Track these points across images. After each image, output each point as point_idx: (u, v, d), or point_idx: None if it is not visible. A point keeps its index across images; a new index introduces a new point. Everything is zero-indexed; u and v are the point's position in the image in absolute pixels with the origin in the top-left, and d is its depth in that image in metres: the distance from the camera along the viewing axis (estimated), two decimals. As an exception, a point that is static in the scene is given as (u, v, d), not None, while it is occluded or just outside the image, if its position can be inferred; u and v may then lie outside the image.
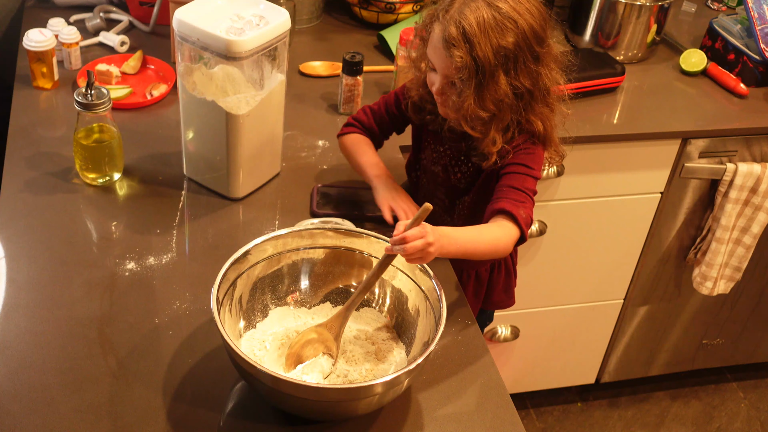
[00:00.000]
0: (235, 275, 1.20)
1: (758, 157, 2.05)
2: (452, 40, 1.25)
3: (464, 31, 1.23)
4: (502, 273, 1.65)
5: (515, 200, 1.32)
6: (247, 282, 1.24)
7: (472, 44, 1.24)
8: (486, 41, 1.23)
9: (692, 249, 2.18)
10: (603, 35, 2.11)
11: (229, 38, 1.36)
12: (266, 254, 1.25)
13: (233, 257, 1.19)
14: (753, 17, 2.04)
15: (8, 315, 1.28)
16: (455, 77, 1.28)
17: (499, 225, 1.30)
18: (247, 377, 1.10)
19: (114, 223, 1.49)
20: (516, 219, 1.30)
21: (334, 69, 1.96)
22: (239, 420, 1.18)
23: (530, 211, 1.33)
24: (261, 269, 1.25)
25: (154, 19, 2.00)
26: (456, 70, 1.27)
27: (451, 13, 1.26)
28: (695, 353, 2.50)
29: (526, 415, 2.49)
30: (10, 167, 1.56)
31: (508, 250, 1.31)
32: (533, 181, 1.36)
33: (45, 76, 1.76)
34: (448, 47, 1.25)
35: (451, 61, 1.26)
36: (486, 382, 1.29)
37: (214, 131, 1.48)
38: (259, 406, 1.19)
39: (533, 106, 1.34)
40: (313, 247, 1.28)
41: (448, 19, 1.26)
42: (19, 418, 1.13)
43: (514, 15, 1.24)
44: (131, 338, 1.27)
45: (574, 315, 2.28)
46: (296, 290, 1.29)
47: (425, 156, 1.53)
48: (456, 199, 1.51)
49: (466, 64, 1.25)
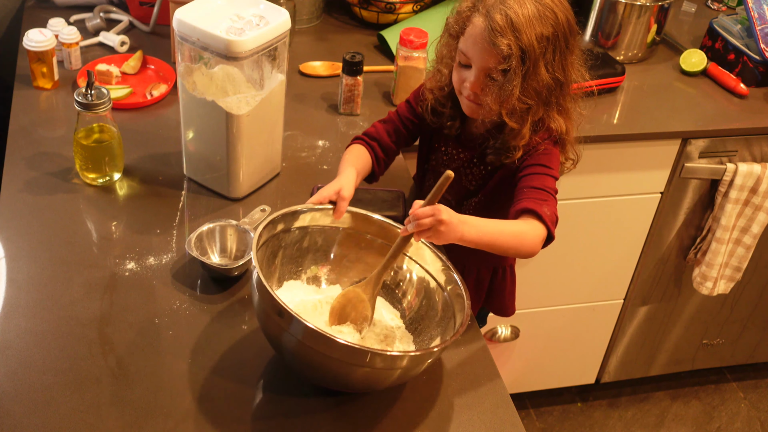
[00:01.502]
0: (267, 236, 1.24)
1: (758, 157, 2.05)
2: (499, 29, 1.26)
3: (511, 20, 1.25)
4: (507, 278, 1.64)
5: (537, 199, 1.32)
6: (275, 248, 1.28)
7: (519, 33, 1.25)
8: (531, 30, 1.26)
9: (692, 249, 2.18)
10: (603, 35, 2.11)
11: (229, 38, 1.36)
12: (299, 224, 1.30)
13: (274, 215, 1.24)
14: (753, 17, 2.04)
15: (8, 315, 1.28)
16: (497, 68, 1.29)
17: (525, 221, 1.30)
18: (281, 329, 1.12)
19: (114, 223, 1.49)
20: (540, 216, 1.29)
21: (334, 69, 1.96)
22: (239, 420, 1.18)
23: (554, 208, 1.32)
24: (289, 238, 1.30)
25: (154, 19, 2.00)
26: (502, 59, 1.27)
27: (493, 3, 1.28)
28: (695, 353, 2.50)
29: (526, 415, 2.49)
30: (10, 167, 1.56)
31: (535, 247, 1.29)
32: (553, 180, 1.36)
33: (45, 76, 1.77)
34: (494, 36, 1.26)
35: (495, 51, 1.27)
36: (486, 382, 1.29)
37: (214, 131, 1.48)
38: (260, 406, 1.19)
39: (561, 100, 1.36)
40: (336, 226, 1.34)
41: (492, 10, 1.27)
42: (19, 418, 1.13)
43: (552, 6, 1.28)
44: (131, 338, 1.27)
45: (574, 315, 2.28)
46: (312, 266, 1.34)
47: (435, 158, 1.52)
48: (463, 201, 1.51)
49: (513, 53, 1.26)
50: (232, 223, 1.42)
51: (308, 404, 1.21)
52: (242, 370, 1.25)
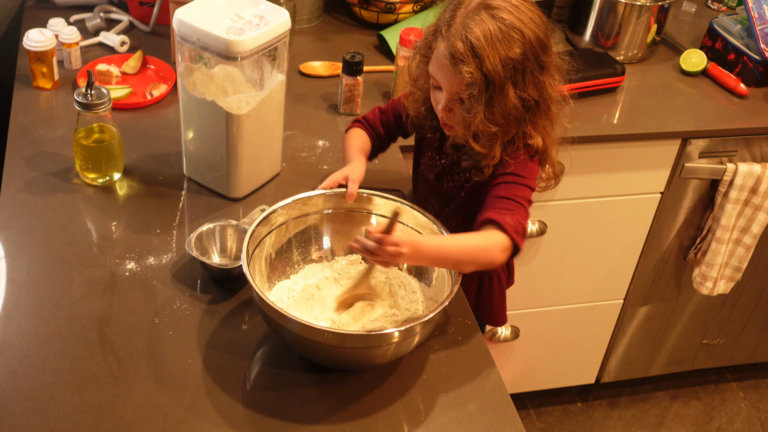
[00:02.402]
0: (265, 231, 1.30)
1: (758, 157, 2.05)
2: (460, 55, 1.21)
3: (472, 45, 1.20)
4: (494, 288, 1.59)
5: (502, 208, 1.28)
6: (276, 239, 1.34)
7: (481, 59, 1.20)
8: (494, 54, 1.20)
9: (692, 249, 2.19)
10: (603, 35, 2.11)
11: (229, 38, 1.36)
12: (295, 214, 1.36)
13: (263, 214, 1.30)
14: (753, 17, 2.04)
15: (8, 315, 1.28)
16: (464, 93, 1.25)
17: (483, 233, 1.26)
18: (274, 325, 1.20)
19: (114, 223, 1.49)
20: (502, 227, 1.25)
21: (334, 69, 1.96)
22: (240, 420, 1.18)
23: (519, 218, 1.27)
24: (291, 227, 1.36)
25: (154, 19, 2.00)
26: (465, 86, 1.23)
27: (455, 27, 1.23)
28: (695, 353, 2.50)
29: (526, 415, 2.49)
30: (10, 167, 1.56)
31: (495, 258, 1.25)
32: (525, 189, 1.32)
33: (45, 76, 1.77)
34: (455, 63, 1.22)
35: (459, 77, 1.23)
36: (486, 382, 1.29)
37: (214, 131, 1.48)
38: (260, 408, 1.19)
39: (536, 119, 1.31)
40: (336, 209, 1.40)
41: (453, 34, 1.22)
42: (19, 418, 1.13)
43: (519, 25, 1.21)
44: (131, 338, 1.27)
45: (574, 315, 2.28)
46: (321, 248, 1.41)
47: (423, 162, 1.52)
48: (445, 207, 1.50)
49: (476, 80, 1.21)
50: (232, 223, 1.42)
51: (310, 402, 1.21)
52: (242, 370, 1.25)
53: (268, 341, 1.30)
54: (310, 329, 1.14)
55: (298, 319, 1.15)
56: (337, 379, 1.25)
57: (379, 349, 1.19)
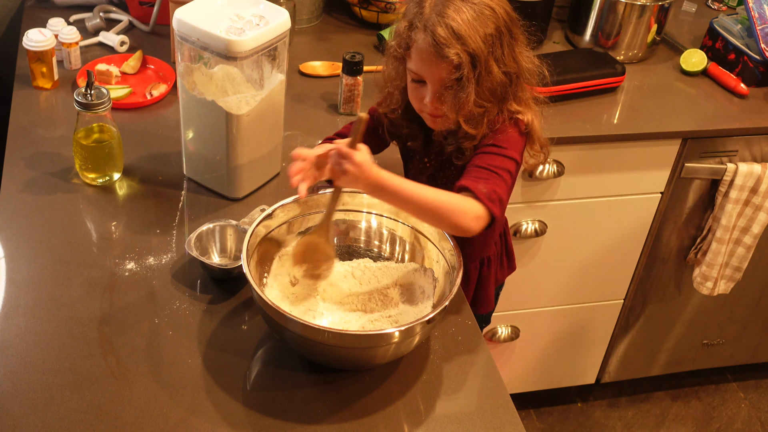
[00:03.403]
0: (265, 232, 1.31)
1: (758, 157, 2.05)
2: (443, 40, 1.25)
3: (452, 28, 1.24)
4: (492, 267, 1.60)
5: (477, 177, 1.28)
6: (277, 240, 1.35)
7: (463, 39, 1.25)
8: (474, 33, 1.25)
9: (692, 249, 2.18)
10: (603, 35, 2.11)
11: (229, 38, 1.36)
12: (292, 214, 1.36)
13: (263, 214, 1.30)
14: (753, 17, 2.04)
15: (8, 315, 1.28)
16: (452, 78, 1.28)
17: (457, 195, 1.26)
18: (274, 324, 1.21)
19: (114, 223, 1.49)
20: (474, 194, 1.25)
21: (334, 69, 1.96)
22: (240, 420, 1.18)
23: (495, 186, 1.27)
24: (291, 227, 1.36)
25: (154, 19, 2.00)
26: (454, 69, 1.26)
27: (429, 17, 1.27)
28: (695, 353, 2.50)
29: (526, 415, 2.49)
30: (10, 167, 1.56)
31: (465, 223, 1.23)
32: (505, 159, 1.32)
33: (45, 76, 1.76)
34: (440, 49, 1.25)
35: (445, 63, 1.26)
36: (486, 382, 1.29)
37: (214, 131, 1.48)
38: (260, 408, 1.19)
39: (518, 92, 1.35)
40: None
41: (431, 24, 1.26)
42: (19, 418, 1.13)
43: (488, 1, 1.28)
44: (131, 338, 1.27)
45: (574, 315, 2.28)
46: None
47: (412, 167, 1.52)
48: None
49: (463, 60, 1.25)
50: (232, 223, 1.42)
51: (309, 402, 1.21)
52: (242, 370, 1.25)
53: (268, 341, 1.30)
54: (310, 329, 1.14)
55: (298, 319, 1.15)
56: (337, 379, 1.25)
57: (379, 349, 1.19)
